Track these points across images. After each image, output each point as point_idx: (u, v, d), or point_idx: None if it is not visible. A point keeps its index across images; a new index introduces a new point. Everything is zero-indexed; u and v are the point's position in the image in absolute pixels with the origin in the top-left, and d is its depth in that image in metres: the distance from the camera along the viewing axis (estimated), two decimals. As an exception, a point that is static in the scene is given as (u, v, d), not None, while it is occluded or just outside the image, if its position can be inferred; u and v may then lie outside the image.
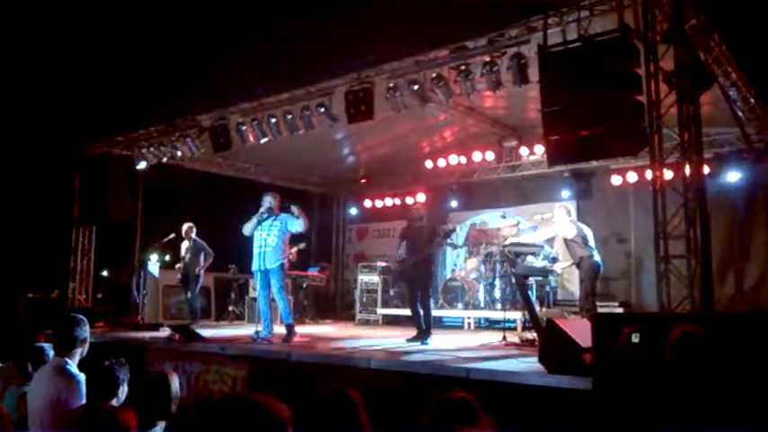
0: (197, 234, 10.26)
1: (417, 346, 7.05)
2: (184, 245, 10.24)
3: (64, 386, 3.31)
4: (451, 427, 2.07)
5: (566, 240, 7.72)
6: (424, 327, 7.40)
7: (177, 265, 10.34)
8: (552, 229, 8.02)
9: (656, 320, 4.41)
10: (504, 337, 7.48)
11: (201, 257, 10.14)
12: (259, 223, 7.60)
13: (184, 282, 10.27)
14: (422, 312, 7.49)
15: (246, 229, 7.67)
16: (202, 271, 10.29)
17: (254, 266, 7.65)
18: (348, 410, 2.24)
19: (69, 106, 11.19)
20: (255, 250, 7.61)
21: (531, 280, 8.87)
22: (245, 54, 8.43)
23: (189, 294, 10.17)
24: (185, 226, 10.25)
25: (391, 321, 10.97)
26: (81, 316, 3.67)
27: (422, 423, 2.21)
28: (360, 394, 2.32)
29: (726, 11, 6.57)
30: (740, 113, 7.98)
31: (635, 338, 4.01)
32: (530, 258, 9.04)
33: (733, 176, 9.16)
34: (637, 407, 3.79)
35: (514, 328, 8.62)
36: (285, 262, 7.65)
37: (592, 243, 7.71)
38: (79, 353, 3.55)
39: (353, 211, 14.44)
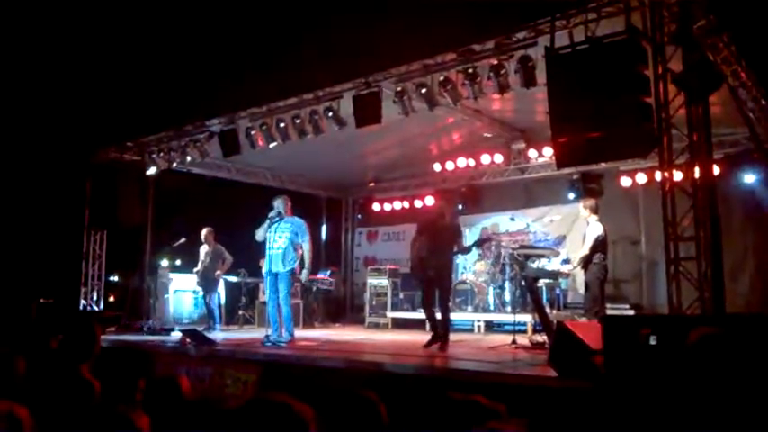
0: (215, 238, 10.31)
1: (429, 349, 7.03)
2: (203, 249, 10.26)
3: (78, 393, 3.32)
4: (461, 429, 2.08)
5: (597, 241, 7.45)
6: (443, 332, 7.29)
7: (195, 269, 10.36)
8: (595, 231, 7.50)
9: (669, 323, 4.40)
10: (514, 340, 7.47)
11: (220, 262, 10.18)
12: (270, 227, 7.67)
13: (202, 286, 10.29)
14: (441, 317, 7.42)
15: (257, 234, 7.77)
16: (221, 275, 10.33)
17: (265, 269, 7.72)
18: (369, 411, 2.25)
19: (80, 112, 11.27)
20: (267, 253, 7.68)
21: (541, 282, 8.88)
22: (253, 59, 8.48)
23: (207, 299, 10.19)
24: (205, 230, 10.27)
25: (401, 325, 10.97)
26: (95, 321, 3.70)
27: (430, 425, 2.21)
28: (377, 396, 2.34)
29: (735, 11, 6.54)
30: (750, 114, 7.94)
31: (653, 341, 3.99)
32: (542, 261, 9.05)
33: (743, 177, 9.12)
34: (650, 408, 3.78)
35: (524, 331, 8.60)
36: (296, 267, 7.67)
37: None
38: (93, 358, 3.57)
39: (362, 214, 14.46)
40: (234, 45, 8.84)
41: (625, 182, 10.42)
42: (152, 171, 10.68)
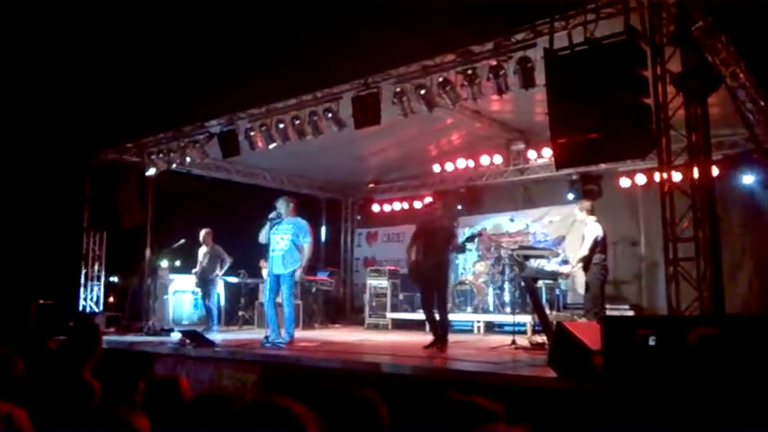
0: (213, 239, 10.33)
1: (429, 350, 7.03)
2: (202, 250, 10.28)
3: (79, 395, 3.32)
4: (460, 430, 2.08)
5: (596, 241, 7.46)
6: (441, 332, 7.32)
7: (194, 270, 10.38)
8: (594, 231, 7.55)
9: (667, 323, 4.41)
10: (514, 341, 7.47)
11: (218, 263, 10.19)
12: (272, 228, 7.67)
13: (201, 287, 10.32)
14: (439, 317, 7.44)
15: (260, 236, 7.78)
16: (219, 276, 10.35)
17: (268, 270, 7.74)
18: (369, 412, 2.25)
19: (79, 113, 11.28)
20: (270, 255, 7.68)
21: (541, 283, 8.88)
22: (252, 60, 8.49)
23: (206, 300, 10.21)
24: (203, 231, 10.30)
25: (400, 326, 10.97)
26: (97, 323, 3.71)
27: (428, 426, 2.22)
28: (378, 395, 2.34)
29: (733, 12, 6.54)
30: (749, 115, 7.95)
31: (651, 341, 4.00)
32: (541, 261, 9.06)
33: (742, 178, 9.14)
34: (650, 409, 3.79)
35: (524, 332, 8.60)
36: (298, 269, 7.67)
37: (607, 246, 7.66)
38: (94, 360, 3.58)
39: (362, 215, 14.46)
40: (233, 46, 8.85)
41: (624, 183, 10.43)
42: (151, 172, 10.69)
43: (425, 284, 7.57)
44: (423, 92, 7.41)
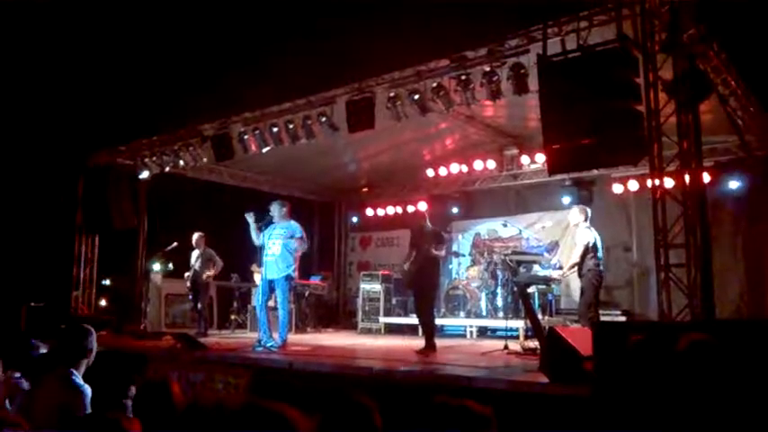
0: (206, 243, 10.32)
1: (420, 355, 7.04)
2: (194, 254, 10.27)
3: (70, 398, 3.31)
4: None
5: (587, 247, 7.46)
6: (428, 336, 7.34)
7: (186, 274, 10.34)
8: (584, 237, 7.50)
9: (658, 329, 4.43)
10: (506, 346, 7.49)
11: (210, 266, 10.18)
12: (265, 232, 7.67)
13: (193, 290, 10.28)
14: (423, 321, 7.45)
15: (253, 239, 7.78)
16: (211, 280, 10.33)
17: (262, 275, 7.72)
18: (362, 417, 2.26)
19: (73, 116, 11.26)
20: (264, 259, 7.67)
21: (533, 288, 8.90)
22: (246, 64, 8.51)
23: (199, 305, 10.16)
24: (196, 235, 10.28)
25: (394, 330, 10.96)
26: (88, 326, 3.70)
27: (419, 430, 2.23)
28: (372, 401, 2.34)
29: (725, 20, 6.60)
30: (740, 122, 8.01)
31: (643, 347, 4.02)
32: (535, 267, 9.08)
33: (733, 184, 9.19)
34: (640, 414, 3.81)
35: (516, 337, 8.62)
36: (292, 273, 7.66)
37: (601, 251, 7.67)
38: (85, 363, 3.57)
39: (355, 219, 14.46)
40: (227, 50, 8.88)
41: (617, 189, 10.45)
42: (144, 175, 10.67)
43: (414, 289, 7.64)
44: (416, 97, 7.43)
